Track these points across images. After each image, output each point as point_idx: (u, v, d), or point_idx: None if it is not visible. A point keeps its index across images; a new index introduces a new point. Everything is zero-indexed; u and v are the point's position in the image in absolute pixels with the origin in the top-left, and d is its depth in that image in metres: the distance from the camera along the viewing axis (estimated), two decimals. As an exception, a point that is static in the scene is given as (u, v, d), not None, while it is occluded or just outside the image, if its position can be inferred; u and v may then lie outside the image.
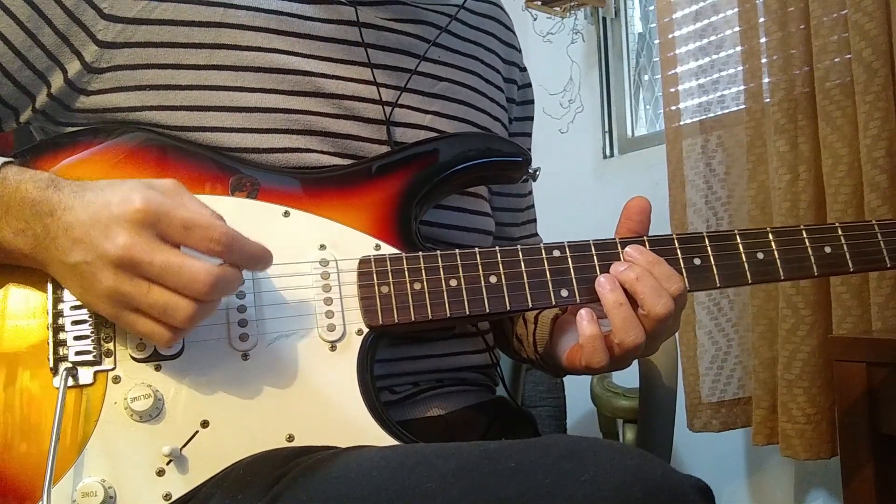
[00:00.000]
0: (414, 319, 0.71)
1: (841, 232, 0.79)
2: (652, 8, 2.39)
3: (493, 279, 0.73)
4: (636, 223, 0.77)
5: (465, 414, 0.84)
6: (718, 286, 0.76)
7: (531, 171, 0.84)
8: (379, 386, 0.73)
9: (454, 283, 0.72)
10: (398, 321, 0.71)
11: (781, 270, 0.77)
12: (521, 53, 1.02)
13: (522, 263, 0.74)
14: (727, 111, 1.86)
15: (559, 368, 0.83)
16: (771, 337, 1.70)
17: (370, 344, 0.71)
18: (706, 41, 1.91)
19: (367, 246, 0.73)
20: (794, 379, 1.61)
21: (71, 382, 0.65)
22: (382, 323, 0.71)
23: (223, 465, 0.65)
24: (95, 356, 0.66)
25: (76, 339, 0.66)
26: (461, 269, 0.73)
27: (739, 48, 1.79)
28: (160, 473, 0.65)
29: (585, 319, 0.72)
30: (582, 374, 0.79)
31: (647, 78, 2.46)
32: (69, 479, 0.63)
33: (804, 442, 1.60)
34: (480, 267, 0.73)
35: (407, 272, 0.72)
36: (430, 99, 0.86)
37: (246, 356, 0.68)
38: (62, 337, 0.66)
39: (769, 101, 1.68)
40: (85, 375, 0.66)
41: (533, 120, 1.04)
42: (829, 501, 1.82)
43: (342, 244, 0.73)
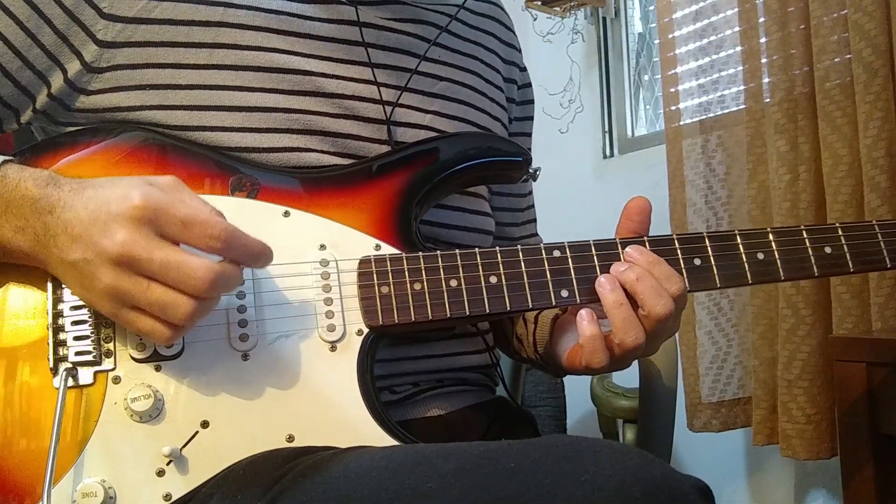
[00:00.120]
0: (414, 320, 0.71)
1: (841, 232, 0.79)
2: (652, 8, 2.39)
3: (493, 279, 0.73)
4: (636, 223, 0.77)
5: (465, 414, 0.84)
6: (719, 286, 0.76)
7: (531, 170, 0.84)
8: (379, 386, 0.73)
9: (454, 283, 0.72)
10: (398, 321, 0.71)
11: (782, 271, 0.77)
12: (521, 53, 1.02)
13: (523, 264, 0.74)
14: (727, 111, 1.86)
15: (559, 368, 0.83)
16: (771, 337, 1.70)
17: (370, 344, 0.71)
18: (706, 41, 1.91)
19: (367, 246, 0.73)
20: (794, 379, 1.61)
21: (71, 383, 0.65)
22: (382, 323, 0.71)
23: (223, 465, 0.65)
24: (95, 356, 0.66)
25: (76, 339, 0.66)
26: (461, 269, 0.73)
27: (739, 48, 1.79)
28: (160, 474, 0.65)
29: (585, 319, 0.72)
30: (582, 374, 0.79)
31: (647, 78, 2.46)
32: (69, 479, 0.63)
33: (804, 442, 1.60)
34: (480, 267, 0.73)
35: (407, 272, 0.72)
36: (430, 98, 0.86)
37: (246, 356, 0.68)
38: (62, 337, 0.66)
39: (769, 101, 1.68)
40: (85, 376, 0.66)
41: (533, 120, 1.04)
42: (829, 501, 1.82)
43: (342, 244, 0.73)
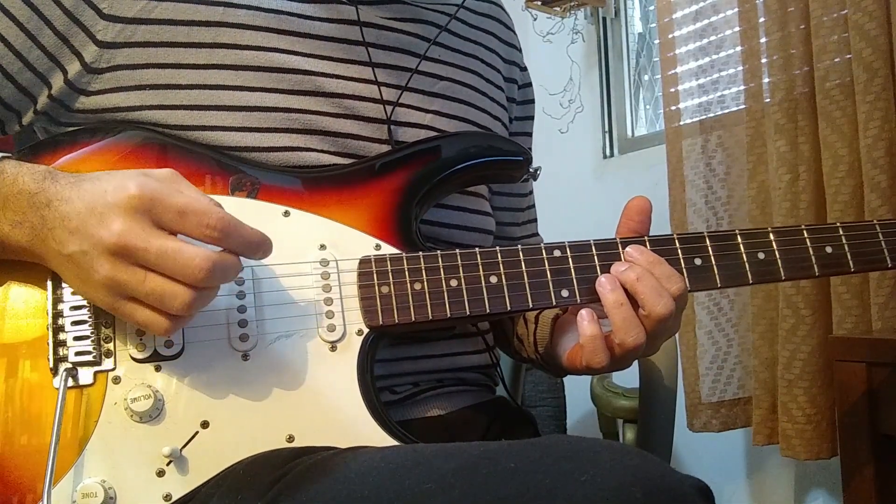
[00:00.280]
0: (414, 319, 0.71)
1: (842, 232, 0.79)
2: (652, 8, 2.39)
3: (493, 279, 0.73)
4: (637, 223, 0.77)
5: (465, 414, 0.84)
6: (719, 286, 0.76)
7: (532, 170, 0.84)
8: (379, 386, 0.73)
9: (455, 283, 0.72)
10: (398, 321, 0.71)
11: (782, 270, 0.77)
12: (521, 53, 1.02)
13: (523, 263, 0.74)
14: (727, 111, 1.86)
15: (560, 368, 0.83)
16: (771, 337, 1.70)
17: (370, 344, 0.71)
18: (706, 41, 1.91)
19: (367, 246, 0.73)
20: (794, 379, 1.61)
21: (71, 383, 0.65)
22: (382, 323, 0.71)
23: (223, 465, 0.65)
24: (95, 356, 0.66)
25: (76, 339, 0.66)
26: (462, 269, 0.73)
27: (739, 48, 1.79)
28: (160, 474, 0.65)
29: (586, 319, 0.71)
30: (582, 374, 0.79)
31: (647, 78, 2.46)
32: (69, 479, 0.63)
33: (804, 442, 1.60)
34: (481, 267, 0.73)
35: (407, 272, 0.72)
36: (430, 98, 0.86)
37: (246, 356, 0.68)
38: (62, 337, 0.66)
39: (769, 101, 1.68)
40: (85, 376, 0.65)
41: (533, 119, 1.04)
42: (829, 501, 1.82)
43: (342, 244, 0.73)
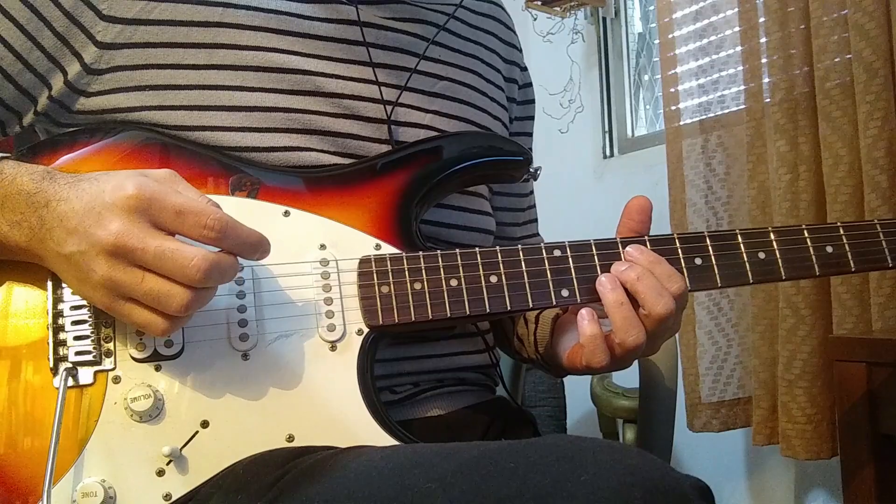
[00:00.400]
0: (414, 319, 0.71)
1: (843, 231, 0.79)
2: (652, 8, 2.39)
3: (493, 279, 0.73)
4: (637, 223, 0.77)
5: (465, 414, 0.84)
6: (719, 286, 0.76)
7: (532, 170, 0.84)
8: (379, 386, 0.73)
9: (455, 282, 0.72)
10: (398, 321, 0.71)
11: (783, 270, 0.77)
12: (521, 53, 1.02)
13: (523, 263, 0.74)
14: (727, 111, 1.86)
15: (560, 368, 0.83)
16: (771, 337, 1.70)
17: (370, 344, 0.71)
18: (706, 41, 1.91)
19: (367, 246, 0.73)
20: (794, 379, 1.61)
21: (71, 382, 0.65)
22: (382, 323, 0.71)
23: (223, 465, 0.65)
24: (95, 356, 0.66)
25: (76, 338, 0.66)
26: (462, 268, 0.73)
27: (739, 48, 1.79)
28: (160, 474, 0.65)
29: (586, 319, 0.71)
30: (582, 374, 0.79)
31: (647, 78, 2.46)
32: (69, 479, 0.63)
33: (804, 442, 1.60)
34: (481, 267, 0.73)
35: (407, 272, 0.72)
36: (430, 98, 0.86)
37: (246, 356, 0.68)
38: (62, 337, 0.66)
39: (769, 101, 1.68)
40: (85, 375, 0.65)
41: (533, 119, 1.04)
42: (829, 501, 1.82)
43: (342, 244, 0.73)
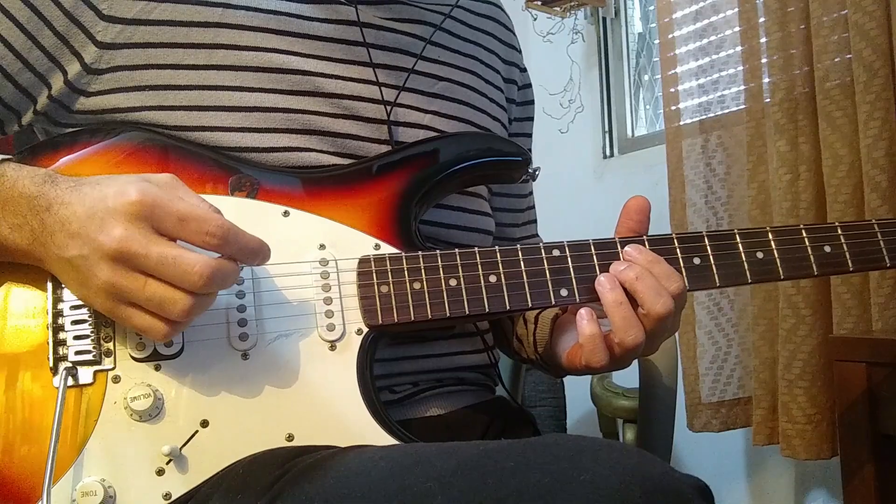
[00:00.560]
0: (413, 319, 0.71)
1: (841, 231, 0.79)
2: (652, 8, 2.39)
3: (492, 279, 0.73)
4: (636, 222, 0.77)
5: (464, 414, 0.84)
6: (718, 285, 0.76)
7: (531, 170, 0.84)
8: (379, 385, 0.73)
9: (454, 282, 0.72)
10: (398, 321, 0.71)
11: (781, 270, 0.77)
12: (521, 54, 1.02)
13: (522, 263, 0.74)
14: (727, 111, 1.86)
15: (559, 368, 0.83)
16: (771, 337, 1.70)
17: (370, 343, 0.71)
18: (706, 41, 1.91)
19: (366, 245, 0.73)
20: (794, 379, 1.61)
21: (71, 382, 0.65)
22: (382, 322, 0.71)
23: (223, 464, 0.65)
24: (95, 356, 0.66)
25: (76, 338, 0.66)
26: (461, 268, 0.73)
27: (739, 48, 1.79)
28: (160, 473, 0.65)
29: (585, 319, 0.72)
30: (582, 373, 0.79)
31: (647, 78, 2.46)
32: (69, 478, 0.63)
33: (804, 442, 1.60)
34: (480, 266, 0.73)
35: (406, 272, 0.72)
36: (429, 98, 0.86)
37: (246, 356, 0.68)
38: (62, 337, 0.66)
39: (769, 101, 1.68)
40: (85, 375, 0.66)
41: (533, 120, 1.04)
42: (829, 501, 1.82)
43: (342, 244, 0.73)
